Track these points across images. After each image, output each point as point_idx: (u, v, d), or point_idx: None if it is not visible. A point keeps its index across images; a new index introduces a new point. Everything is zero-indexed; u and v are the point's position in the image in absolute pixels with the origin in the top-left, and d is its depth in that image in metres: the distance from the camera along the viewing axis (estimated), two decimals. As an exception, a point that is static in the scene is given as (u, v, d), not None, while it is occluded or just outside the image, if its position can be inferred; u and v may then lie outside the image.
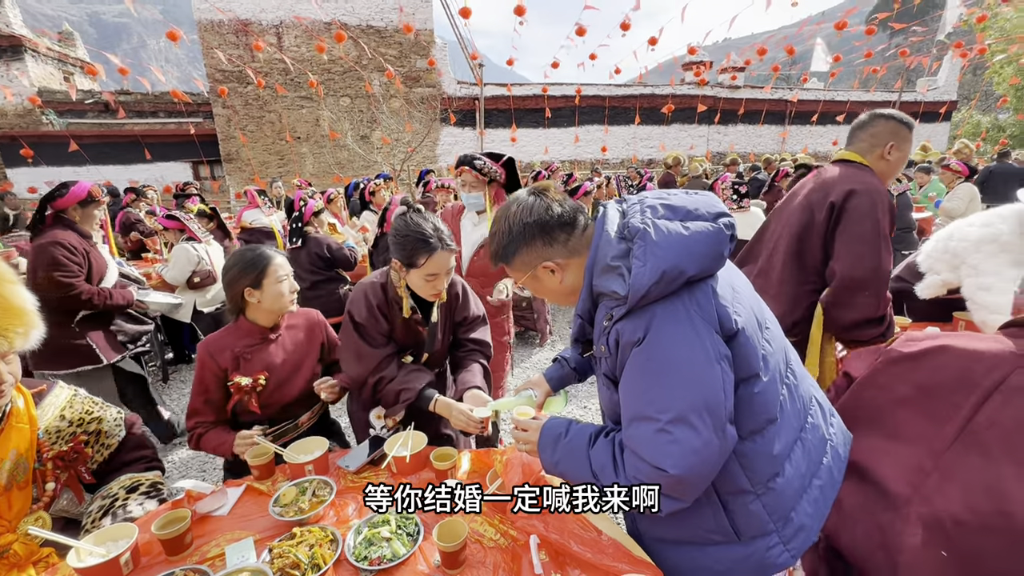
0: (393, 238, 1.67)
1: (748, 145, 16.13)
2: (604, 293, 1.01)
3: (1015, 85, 16.20)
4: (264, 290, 1.78)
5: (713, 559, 1.13)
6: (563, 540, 1.18)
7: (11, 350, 1.28)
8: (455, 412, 1.64)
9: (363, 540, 1.26)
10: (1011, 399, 1.12)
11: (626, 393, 0.99)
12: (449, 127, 12.49)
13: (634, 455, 0.97)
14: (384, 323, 1.74)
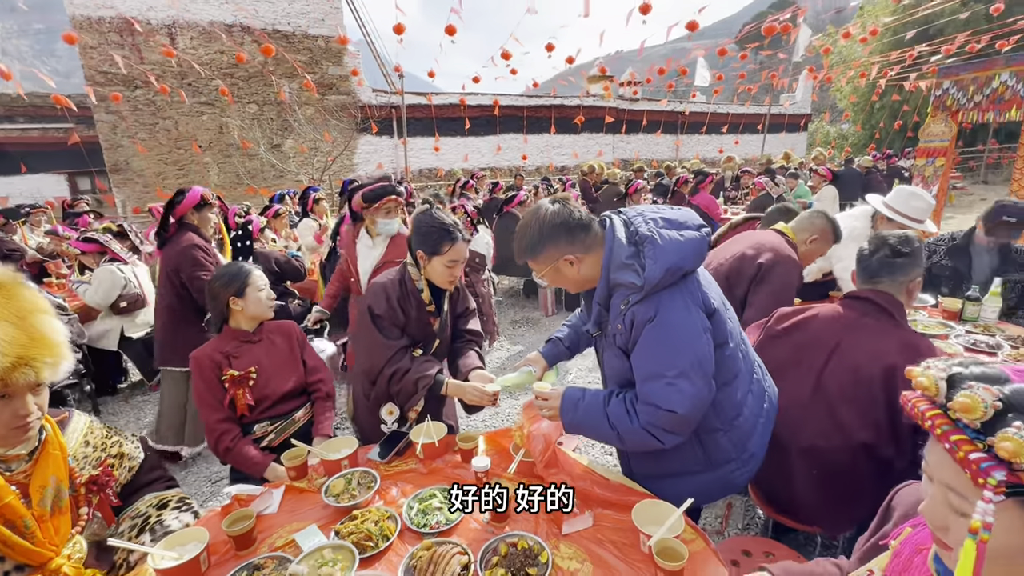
0: (418, 229, 1.88)
1: (648, 152, 17.69)
2: (621, 284, 1.33)
3: (853, 102, 19.43)
4: (247, 298, 1.97)
5: (691, 484, 1.51)
6: (587, 487, 1.49)
7: (39, 382, 1.27)
8: (468, 390, 1.86)
9: (418, 512, 1.47)
10: (841, 357, 1.69)
11: (641, 359, 1.33)
12: (367, 136, 12.30)
13: (649, 405, 1.31)
14: (401, 315, 1.92)
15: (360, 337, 1.96)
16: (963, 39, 8.68)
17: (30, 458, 1.31)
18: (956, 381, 0.65)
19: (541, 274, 1.46)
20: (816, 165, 10.32)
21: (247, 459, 1.85)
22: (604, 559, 1.28)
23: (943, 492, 0.66)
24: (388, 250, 2.91)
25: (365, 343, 1.92)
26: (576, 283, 1.47)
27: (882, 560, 0.87)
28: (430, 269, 1.91)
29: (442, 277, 1.91)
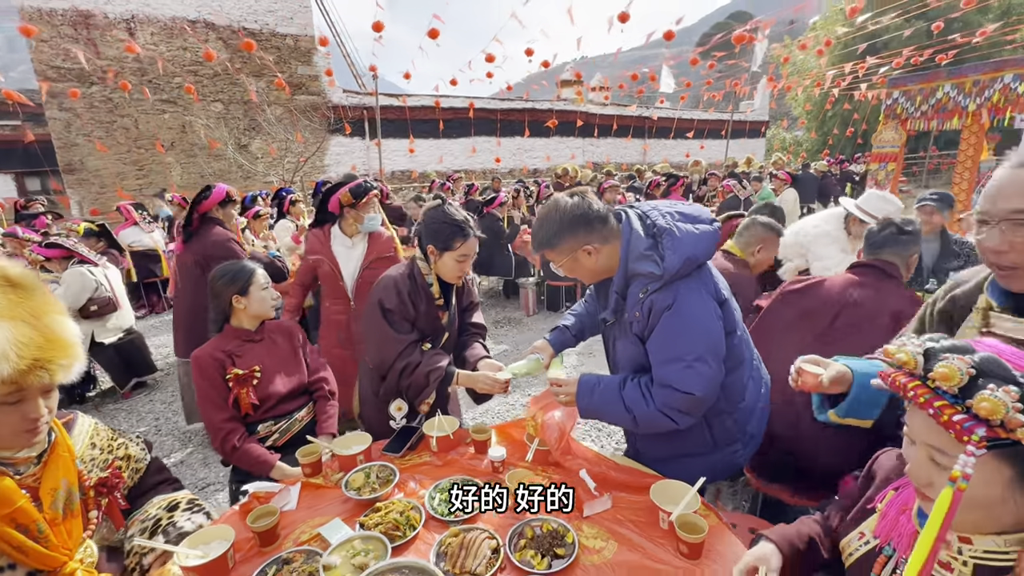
0: (429, 226, 1.91)
1: (617, 156, 18.09)
2: (640, 273, 1.40)
3: (808, 111, 20.43)
4: (250, 296, 1.97)
5: (698, 465, 1.58)
6: (604, 471, 1.56)
7: (53, 384, 1.24)
8: (480, 379, 1.90)
9: (440, 502, 1.50)
10: (851, 311, 1.84)
11: (659, 344, 1.40)
12: (339, 137, 12.10)
13: (666, 387, 1.38)
14: (411, 309, 1.95)
15: (370, 332, 1.97)
16: (908, 52, 9.32)
17: (39, 461, 1.28)
18: (931, 355, 0.74)
19: (559, 264, 1.52)
20: (776, 170, 10.88)
21: (254, 458, 1.83)
22: (627, 536, 1.35)
23: (927, 452, 0.76)
24: (371, 247, 2.86)
25: (375, 338, 1.94)
26: (593, 273, 1.53)
27: (871, 522, 0.97)
28: (440, 264, 1.94)
29: (452, 272, 1.95)
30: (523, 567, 1.24)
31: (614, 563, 1.27)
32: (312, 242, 2.88)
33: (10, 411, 1.09)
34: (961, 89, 5.91)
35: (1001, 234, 0.98)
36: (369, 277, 2.78)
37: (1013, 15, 13.53)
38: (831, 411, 1.26)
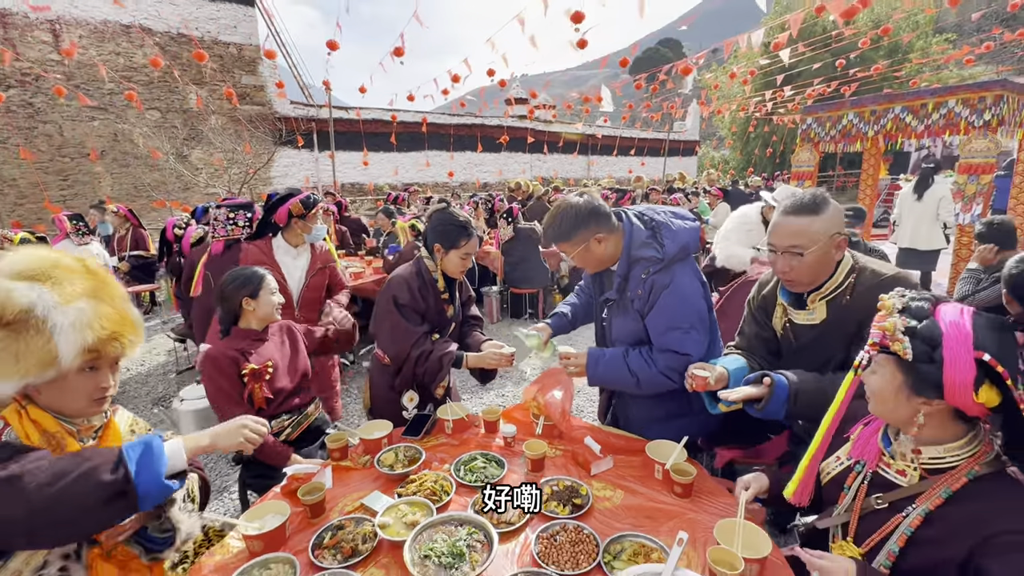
0: (436, 226, 2.12)
1: (564, 171, 18.87)
2: (642, 258, 1.71)
3: (733, 132, 22.30)
4: (260, 299, 2.08)
5: (677, 426, 1.87)
6: (605, 438, 1.83)
7: (123, 355, 1.34)
8: (488, 356, 2.11)
9: (466, 472, 1.70)
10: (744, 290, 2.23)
11: (659, 316, 1.70)
12: (285, 149, 11.85)
13: (667, 351, 1.70)
14: (422, 303, 2.14)
15: (384, 326, 2.13)
16: (818, 83, 10.60)
17: (95, 436, 1.37)
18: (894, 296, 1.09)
19: (572, 254, 1.78)
20: (709, 186, 11.91)
21: (275, 450, 1.94)
22: (630, 487, 1.62)
23: None
24: (314, 257, 2.93)
25: (390, 331, 2.11)
26: (600, 261, 1.80)
27: (845, 448, 1.30)
28: (446, 261, 2.15)
29: (456, 268, 2.17)
30: (549, 514, 1.47)
31: (623, 507, 1.53)
32: (253, 253, 2.81)
33: (87, 378, 1.21)
34: (862, 117, 6.84)
35: (784, 260, 1.51)
36: (315, 285, 2.93)
37: (898, 54, 15.64)
38: (720, 404, 1.61)
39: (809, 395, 1.48)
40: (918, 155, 15.30)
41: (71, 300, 1.16)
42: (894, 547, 1.04)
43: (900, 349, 0.99)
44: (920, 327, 0.99)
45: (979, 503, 0.98)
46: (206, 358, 2.01)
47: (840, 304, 1.54)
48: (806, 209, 1.48)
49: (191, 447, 1.22)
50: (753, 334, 1.82)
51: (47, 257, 1.24)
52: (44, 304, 1.13)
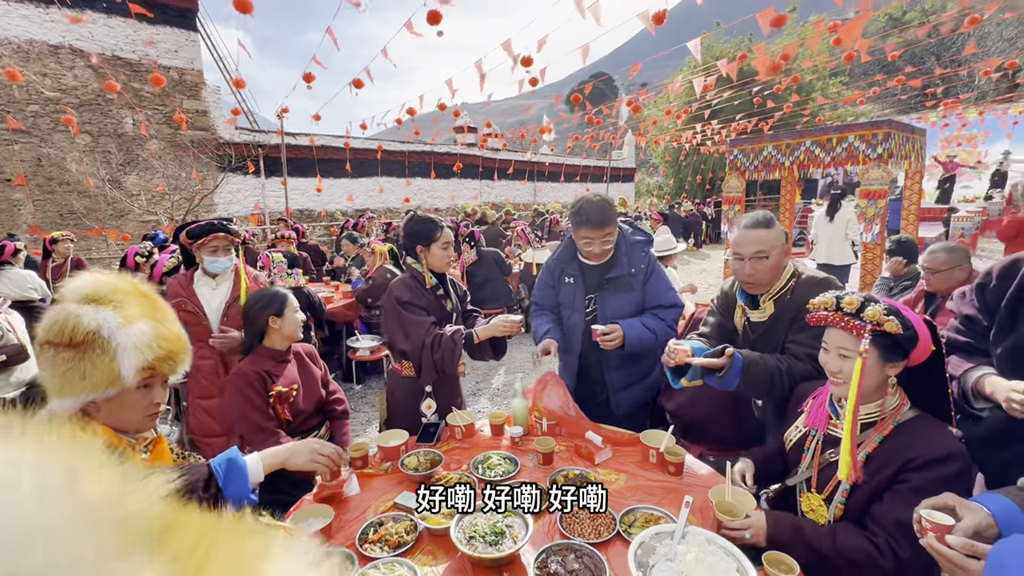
0: (411, 230, 2.34)
1: (513, 197, 19.45)
2: (637, 242, 2.31)
3: (667, 160, 23.99)
4: (286, 318, 2.20)
5: (643, 388, 2.36)
6: (603, 434, 2.07)
7: (174, 374, 1.36)
8: (496, 324, 2.31)
9: (483, 470, 1.88)
10: None
11: (659, 282, 2.34)
12: (232, 175, 11.48)
13: (671, 307, 2.27)
14: (422, 299, 2.34)
15: (396, 329, 2.29)
16: (740, 118, 11.85)
17: (147, 449, 1.45)
18: (840, 296, 1.41)
19: (604, 236, 2.22)
20: (650, 211, 12.80)
21: None
22: (630, 471, 1.87)
23: (837, 352, 1.41)
24: (235, 289, 2.75)
25: (402, 329, 2.27)
26: (609, 250, 2.28)
27: (801, 419, 1.62)
28: (431, 257, 2.35)
29: (441, 260, 2.37)
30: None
31: (627, 488, 1.78)
32: (173, 286, 2.73)
33: (142, 395, 1.30)
34: (779, 149, 7.75)
35: (751, 265, 1.88)
36: (236, 317, 2.62)
37: (803, 93, 17.69)
38: (683, 379, 1.94)
39: (756, 368, 1.80)
40: (824, 182, 17.22)
41: (132, 321, 1.24)
42: (846, 486, 1.36)
43: (893, 327, 1.29)
44: (888, 307, 1.32)
45: (902, 439, 1.32)
46: (236, 375, 2.07)
47: (784, 301, 1.91)
48: (762, 224, 1.89)
49: (268, 463, 1.34)
50: (717, 324, 2.19)
51: (107, 282, 1.33)
52: (109, 326, 1.22)
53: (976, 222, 11.03)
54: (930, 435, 1.30)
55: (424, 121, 12.05)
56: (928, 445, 1.28)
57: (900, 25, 23.64)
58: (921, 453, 1.27)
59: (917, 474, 1.26)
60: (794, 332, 1.87)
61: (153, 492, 0.35)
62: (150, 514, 0.33)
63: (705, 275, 10.81)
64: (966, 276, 2.98)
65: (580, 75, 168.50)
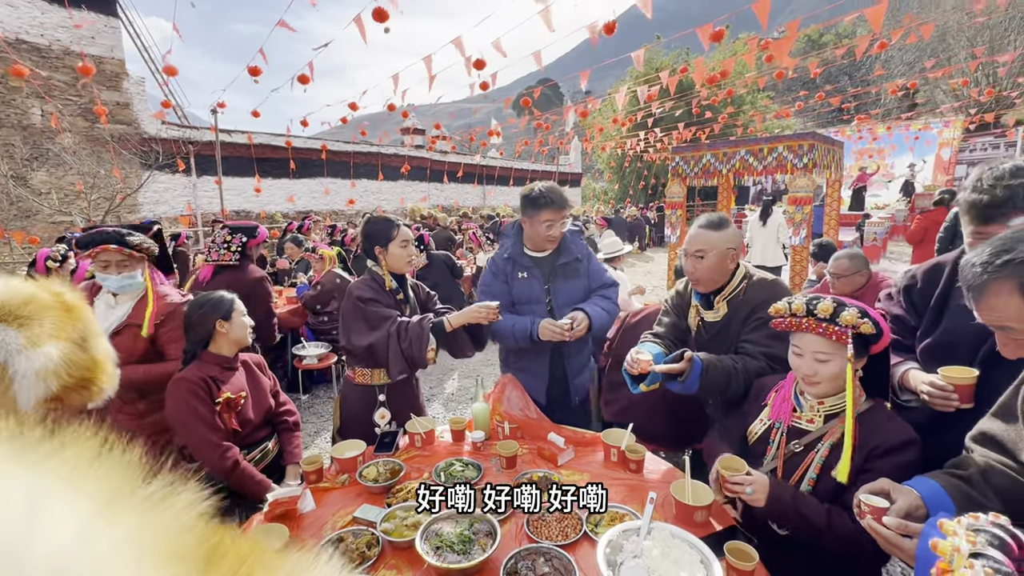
0: (369, 231, 2.27)
1: (462, 200, 19.35)
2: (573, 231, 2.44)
3: (612, 167, 24.74)
4: (233, 322, 2.08)
5: (589, 371, 2.52)
6: (566, 434, 2.08)
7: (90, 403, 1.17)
8: (472, 311, 2.19)
9: (446, 477, 1.84)
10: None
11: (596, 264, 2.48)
12: (158, 174, 10.64)
13: (612, 285, 2.45)
14: (385, 299, 2.25)
15: (358, 324, 2.19)
16: (682, 127, 12.44)
17: None
18: (811, 302, 1.49)
19: (559, 220, 2.29)
20: (595, 216, 13.16)
21: (253, 476, 1.89)
22: (593, 470, 1.89)
23: (813, 357, 1.47)
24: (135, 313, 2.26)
25: (365, 324, 2.18)
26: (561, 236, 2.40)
27: (764, 412, 1.69)
28: (390, 258, 2.27)
29: (401, 260, 2.30)
30: (532, 501, 1.67)
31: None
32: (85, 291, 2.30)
33: None
34: (717, 157, 8.19)
35: (690, 262, 2.00)
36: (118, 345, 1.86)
37: (736, 106, 18.85)
38: (641, 385, 2.01)
39: (715, 370, 1.87)
40: (755, 190, 18.41)
41: (38, 344, 1.05)
42: (812, 475, 1.44)
43: (869, 328, 1.37)
44: (860, 311, 1.40)
45: (863, 430, 1.42)
46: (178, 382, 1.91)
47: (737, 301, 2.00)
48: (711, 226, 1.97)
49: None
50: (671, 323, 2.26)
51: (21, 291, 1.15)
52: (7, 348, 1.02)
53: (886, 227, 12.15)
54: (888, 424, 1.41)
55: (371, 123, 11.75)
56: (888, 434, 1.39)
57: (818, 47, 25.73)
58: (883, 442, 1.37)
59: (882, 461, 1.36)
60: (747, 331, 1.97)
61: (188, 513, 0.33)
62: (191, 542, 0.31)
63: (650, 277, 11.22)
64: (866, 280, 3.28)
65: (527, 80, 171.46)
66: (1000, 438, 1.17)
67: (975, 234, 1.42)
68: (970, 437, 1.26)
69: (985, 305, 1.05)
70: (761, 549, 1.41)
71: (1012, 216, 1.34)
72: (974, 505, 1.06)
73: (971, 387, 1.38)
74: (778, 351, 1.83)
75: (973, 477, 1.11)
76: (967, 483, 1.10)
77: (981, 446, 1.22)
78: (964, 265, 1.08)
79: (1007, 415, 1.20)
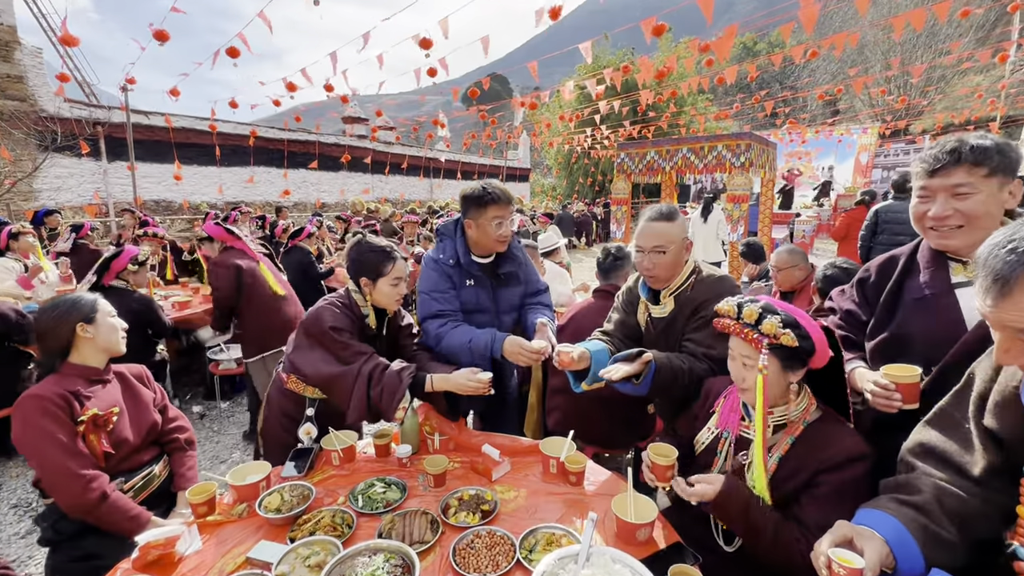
0: (357, 258, 1.95)
1: (408, 193, 18.75)
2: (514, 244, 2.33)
3: (559, 163, 24.92)
4: (99, 324, 1.76)
5: None
6: (502, 443, 1.90)
7: None
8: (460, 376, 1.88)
9: (364, 501, 1.61)
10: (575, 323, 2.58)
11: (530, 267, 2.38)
12: (60, 157, 9.48)
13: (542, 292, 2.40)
14: (360, 335, 1.95)
15: (315, 355, 1.88)
16: (628, 124, 12.62)
17: None
18: (741, 305, 1.38)
19: (509, 216, 2.13)
20: (540, 211, 13.14)
21: (126, 511, 1.57)
22: (530, 485, 1.73)
23: (740, 361, 1.38)
24: None
25: (332, 353, 1.87)
26: None
27: (713, 420, 1.58)
28: (377, 293, 1.98)
29: (389, 298, 2.00)
30: (461, 526, 1.49)
31: (528, 504, 1.63)
32: None
33: None
34: (661, 155, 8.31)
35: (650, 259, 1.83)
36: None
37: (677, 106, 19.45)
38: (583, 383, 1.88)
39: (666, 371, 1.75)
40: (695, 188, 19.09)
41: None
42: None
43: (789, 340, 1.28)
44: (786, 319, 1.30)
45: (813, 440, 1.33)
46: (26, 400, 1.55)
47: (684, 297, 1.90)
48: (665, 217, 1.84)
49: None
50: (620, 321, 2.13)
51: None
52: None
53: (813, 225, 12.91)
54: (839, 436, 1.33)
55: (309, 113, 11.03)
56: (838, 447, 1.30)
57: (753, 54, 27.07)
58: (833, 455, 1.28)
59: (832, 475, 1.27)
60: (691, 330, 1.86)
61: None
62: None
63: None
64: (805, 276, 3.36)
65: (477, 75, 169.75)
66: (943, 451, 1.10)
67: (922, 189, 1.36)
68: (908, 450, 1.19)
69: (1011, 301, 0.81)
70: (707, 567, 1.30)
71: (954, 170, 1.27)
72: (936, 542, 0.98)
73: (915, 386, 1.32)
74: (720, 352, 1.73)
75: (928, 506, 1.03)
76: (923, 513, 1.02)
77: (922, 461, 1.14)
78: (988, 249, 0.84)
79: (946, 425, 1.13)
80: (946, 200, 1.30)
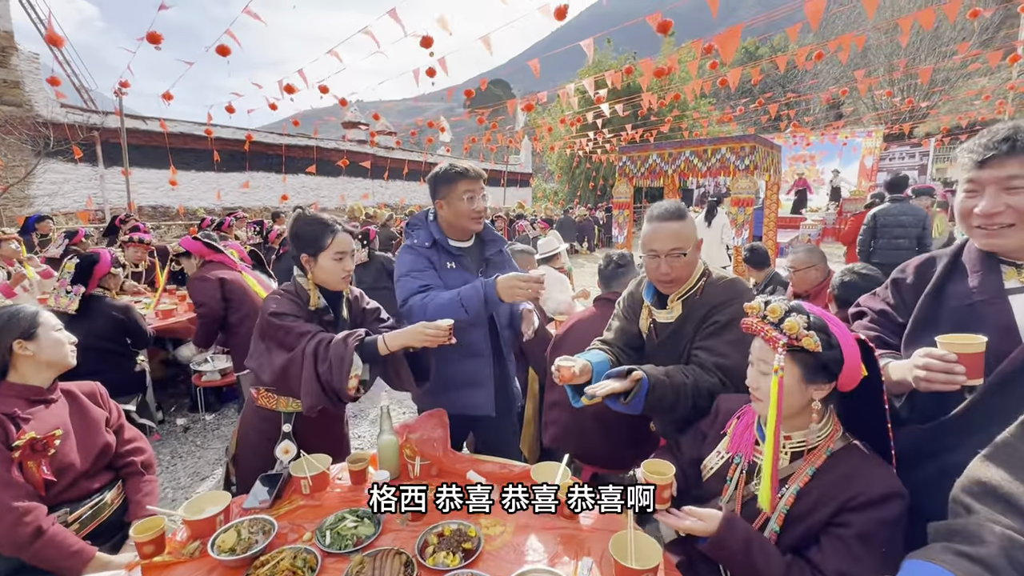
0: (296, 233, 1.80)
1: (409, 198, 18.63)
2: (495, 237, 2.24)
3: (561, 167, 24.83)
4: (40, 339, 1.60)
5: None
6: (490, 469, 1.73)
7: None
8: (416, 331, 1.71)
9: (332, 537, 1.44)
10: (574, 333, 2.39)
11: (512, 265, 2.23)
12: (55, 163, 9.39)
13: None
14: (304, 315, 1.79)
15: (266, 342, 1.76)
16: (630, 128, 12.49)
17: None
18: (768, 302, 1.21)
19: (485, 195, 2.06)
20: (541, 216, 13.00)
21: (66, 547, 1.40)
22: (519, 517, 1.54)
23: (757, 366, 1.21)
24: None
25: (274, 340, 1.74)
26: None
27: (723, 443, 1.41)
28: (319, 270, 1.82)
29: (334, 275, 1.83)
30: (438, 569, 1.31)
31: (515, 541, 1.44)
32: None
33: None
34: (663, 158, 8.15)
35: (668, 263, 1.64)
36: None
37: (681, 110, 19.32)
38: (583, 397, 1.69)
39: (663, 387, 1.57)
40: (698, 192, 18.92)
41: None
42: (775, 527, 1.15)
43: (811, 343, 1.11)
44: (814, 321, 1.13)
45: (837, 473, 1.15)
46: None
47: (692, 301, 1.71)
48: (676, 215, 1.65)
49: None
50: (620, 329, 1.95)
51: None
52: None
53: (818, 229, 12.72)
54: (868, 470, 1.14)
55: (307, 119, 10.93)
56: (868, 482, 1.11)
57: (755, 59, 27.00)
58: (861, 491, 1.10)
59: (858, 516, 1.09)
60: (702, 337, 1.68)
61: None
62: None
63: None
64: (822, 277, 3.18)
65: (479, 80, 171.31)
66: (1008, 493, 0.91)
67: (969, 182, 1.18)
68: (964, 489, 1.00)
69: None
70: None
71: (1008, 161, 1.10)
72: None
73: (980, 356, 1.11)
74: (734, 362, 1.57)
75: (993, 561, 0.82)
76: (989, 571, 0.82)
77: (981, 503, 0.95)
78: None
79: (1012, 461, 0.94)
80: (996, 194, 1.12)
